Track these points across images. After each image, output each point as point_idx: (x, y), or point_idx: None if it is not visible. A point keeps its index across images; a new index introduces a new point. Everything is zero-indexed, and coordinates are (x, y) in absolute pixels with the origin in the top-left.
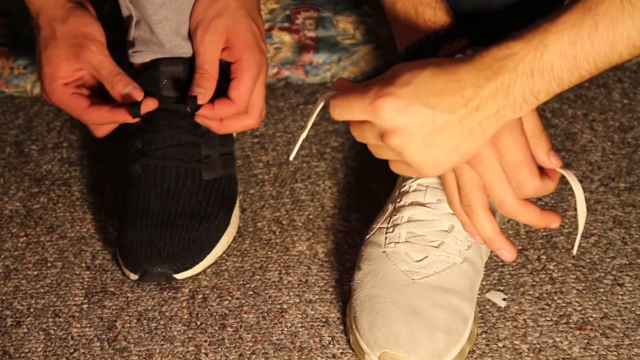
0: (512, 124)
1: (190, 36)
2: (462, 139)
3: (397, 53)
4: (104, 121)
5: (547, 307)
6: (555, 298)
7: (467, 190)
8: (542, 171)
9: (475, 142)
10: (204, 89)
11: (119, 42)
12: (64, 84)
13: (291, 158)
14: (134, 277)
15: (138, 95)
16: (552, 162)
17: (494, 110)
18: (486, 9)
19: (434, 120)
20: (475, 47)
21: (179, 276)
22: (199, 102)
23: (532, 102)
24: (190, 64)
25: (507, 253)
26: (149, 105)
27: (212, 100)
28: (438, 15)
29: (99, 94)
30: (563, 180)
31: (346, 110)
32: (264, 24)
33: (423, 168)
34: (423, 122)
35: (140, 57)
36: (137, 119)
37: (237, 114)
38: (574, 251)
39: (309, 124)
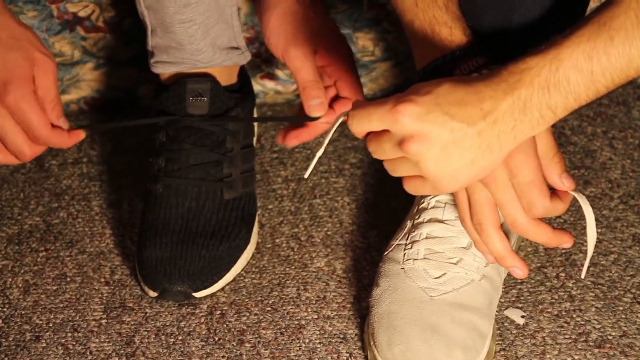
0: (525, 144)
1: (217, 45)
2: (479, 152)
3: (415, 71)
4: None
5: (565, 324)
6: (574, 316)
7: (478, 209)
8: (555, 192)
9: (492, 158)
10: (318, 98)
11: (138, 56)
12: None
13: (306, 175)
14: (153, 294)
15: (64, 124)
16: (564, 184)
17: (511, 125)
18: (505, 27)
19: (453, 129)
20: (491, 66)
21: (198, 294)
22: (321, 112)
23: (550, 117)
24: (216, 82)
25: (519, 270)
26: (79, 135)
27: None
28: (454, 34)
29: None
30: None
31: (365, 120)
32: (320, 5)
33: (440, 180)
34: (442, 130)
35: (161, 67)
36: (67, 147)
37: None
38: (583, 274)
39: (326, 142)
